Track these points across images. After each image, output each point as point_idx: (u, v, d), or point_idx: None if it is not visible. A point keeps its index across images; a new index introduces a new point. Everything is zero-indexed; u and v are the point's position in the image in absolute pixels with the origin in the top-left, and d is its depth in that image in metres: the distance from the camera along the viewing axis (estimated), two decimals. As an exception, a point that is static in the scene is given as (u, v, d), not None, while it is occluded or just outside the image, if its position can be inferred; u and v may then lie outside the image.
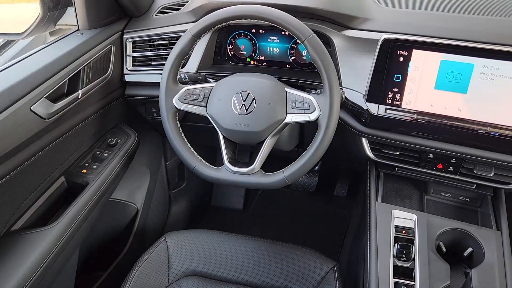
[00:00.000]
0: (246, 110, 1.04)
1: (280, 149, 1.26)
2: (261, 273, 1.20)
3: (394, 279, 0.99)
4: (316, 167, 1.98)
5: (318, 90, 1.16)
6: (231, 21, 1.04)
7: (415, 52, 1.04)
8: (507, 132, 1.02)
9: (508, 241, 1.05)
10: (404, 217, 1.12)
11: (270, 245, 1.27)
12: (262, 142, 1.06)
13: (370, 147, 1.21)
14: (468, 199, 1.22)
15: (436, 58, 1.03)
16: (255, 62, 1.33)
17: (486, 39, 1.02)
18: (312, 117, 1.01)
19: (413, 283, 0.98)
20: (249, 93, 1.05)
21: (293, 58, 1.29)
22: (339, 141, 1.26)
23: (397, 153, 1.18)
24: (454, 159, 1.13)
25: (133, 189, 1.57)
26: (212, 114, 1.08)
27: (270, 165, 1.14)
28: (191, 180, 1.92)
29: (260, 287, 1.18)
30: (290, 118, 1.04)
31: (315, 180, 1.97)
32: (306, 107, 1.02)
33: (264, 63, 1.32)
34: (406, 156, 1.17)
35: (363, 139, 1.20)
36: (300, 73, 1.25)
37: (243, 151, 1.20)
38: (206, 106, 1.09)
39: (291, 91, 1.05)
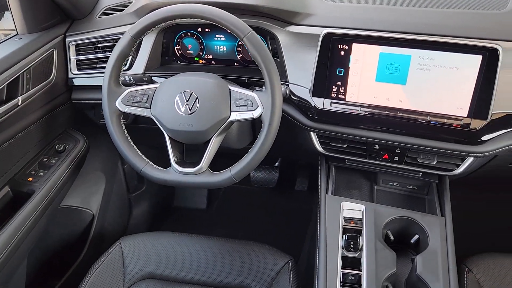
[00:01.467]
0: (190, 109, 1.04)
1: (232, 147, 1.26)
2: (217, 271, 1.20)
3: (342, 270, 1.01)
4: (276, 163, 2.00)
5: (264, 86, 1.16)
6: (170, 21, 1.03)
7: (355, 46, 1.06)
8: (445, 120, 1.05)
9: (451, 226, 1.08)
10: (353, 208, 1.14)
11: (226, 243, 1.27)
12: (209, 141, 1.06)
13: (319, 141, 1.22)
14: (415, 187, 1.25)
15: (375, 51, 1.05)
16: (204, 61, 1.32)
17: (422, 31, 1.05)
18: (255, 114, 1.02)
19: (360, 272, 1.00)
20: (192, 92, 1.04)
21: (240, 55, 1.29)
22: (289, 136, 1.27)
23: (345, 145, 1.20)
24: (398, 149, 1.15)
25: (87, 194, 1.54)
26: (157, 115, 1.07)
27: (224, 164, 1.14)
28: (151, 182, 1.89)
29: (216, 285, 1.18)
30: (234, 116, 1.04)
31: (275, 176, 1.98)
32: (249, 104, 1.02)
33: (213, 62, 1.32)
34: (354, 148, 1.19)
35: (312, 133, 1.21)
36: (249, 70, 1.25)
37: (195, 151, 1.19)
38: (150, 108, 1.08)
39: (234, 89, 1.06)
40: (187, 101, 1.04)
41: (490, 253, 1.20)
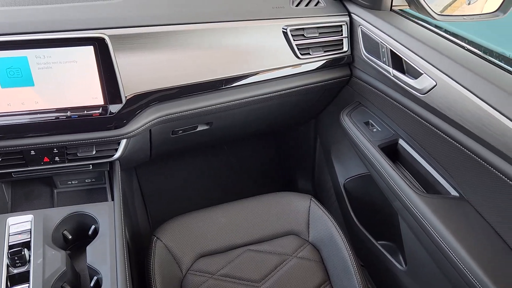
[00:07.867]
0: None
1: None
2: None
3: (7, 290, 0.96)
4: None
5: None
6: None
7: (-35, 56, 0.98)
8: (85, 111, 1.08)
9: (119, 208, 1.12)
10: (20, 222, 1.08)
11: None
12: None
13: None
14: (94, 180, 1.28)
15: (-14, 57, 1.00)
16: None
17: (37, 29, 1.04)
18: None
19: (27, 284, 0.97)
20: None
21: None
22: None
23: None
24: (55, 149, 1.14)
25: None
26: None
27: None
28: None
29: None
30: None
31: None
32: None
33: None
34: (10, 160, 1.13)
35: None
36: None
37: None
38: None
39: None
40: None
41: (175, 218, 1.33)
